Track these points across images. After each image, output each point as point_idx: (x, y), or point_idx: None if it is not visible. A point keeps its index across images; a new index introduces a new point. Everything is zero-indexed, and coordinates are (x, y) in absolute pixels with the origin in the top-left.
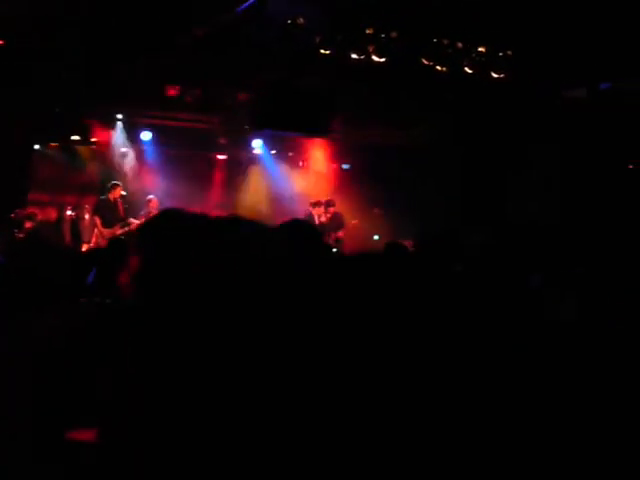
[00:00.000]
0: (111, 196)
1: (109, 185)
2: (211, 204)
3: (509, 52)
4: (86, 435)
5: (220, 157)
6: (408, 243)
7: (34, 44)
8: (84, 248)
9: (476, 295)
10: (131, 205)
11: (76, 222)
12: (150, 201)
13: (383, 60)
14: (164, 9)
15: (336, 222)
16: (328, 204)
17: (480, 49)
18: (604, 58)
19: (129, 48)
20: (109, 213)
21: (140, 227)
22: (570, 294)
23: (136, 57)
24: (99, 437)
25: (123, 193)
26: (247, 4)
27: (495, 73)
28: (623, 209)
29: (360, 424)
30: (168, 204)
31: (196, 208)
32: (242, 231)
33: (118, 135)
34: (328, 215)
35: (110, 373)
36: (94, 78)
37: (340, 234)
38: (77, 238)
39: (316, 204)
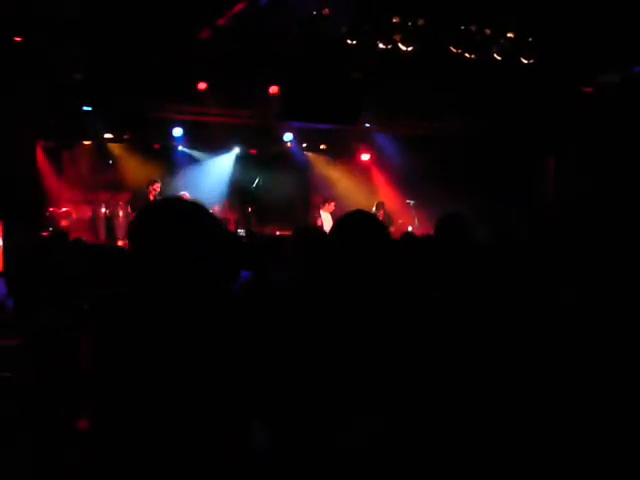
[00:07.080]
0: (149, 192)
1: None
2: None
3: (538, 37)
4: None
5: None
6: None
7: (56, 40)
8: (119, 244)
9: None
10: None
11: (110, 219)
12: (183, 197)
13: (410, 49)
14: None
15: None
16: (378, 207)
17: (509, 35)
18: (636, 41)
19: (154, 43)
20: None
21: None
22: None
23: (164, 52)
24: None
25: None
26: None
27: (524, 59)
28: None
29: None
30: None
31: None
32: None
33: None
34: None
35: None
36: (123, 75)
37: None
38: (112, 235)
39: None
